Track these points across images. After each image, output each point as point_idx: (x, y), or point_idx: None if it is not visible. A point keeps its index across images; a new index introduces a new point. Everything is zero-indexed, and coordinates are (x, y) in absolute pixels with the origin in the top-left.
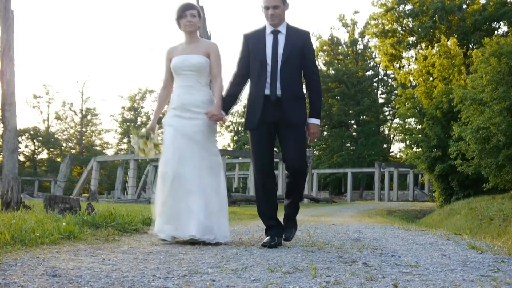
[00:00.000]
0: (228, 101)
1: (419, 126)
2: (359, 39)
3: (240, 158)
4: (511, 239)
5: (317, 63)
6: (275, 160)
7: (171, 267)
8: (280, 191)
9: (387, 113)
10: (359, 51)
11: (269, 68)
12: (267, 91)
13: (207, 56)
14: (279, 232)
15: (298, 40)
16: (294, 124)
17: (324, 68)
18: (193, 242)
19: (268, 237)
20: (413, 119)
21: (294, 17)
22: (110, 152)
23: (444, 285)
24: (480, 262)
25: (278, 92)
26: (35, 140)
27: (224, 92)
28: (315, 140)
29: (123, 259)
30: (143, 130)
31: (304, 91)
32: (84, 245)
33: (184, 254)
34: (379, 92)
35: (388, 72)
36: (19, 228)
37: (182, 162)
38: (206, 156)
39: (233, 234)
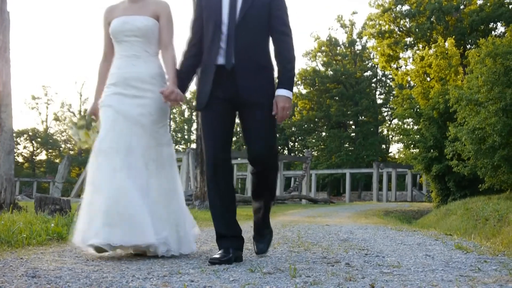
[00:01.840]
0: (184, 78)
1: (416, 127)
2: (357, 39)
3: (238, 158)
4: (505, 239)
5: (317, 65)
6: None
7: (153, 268)
8: (279, 191)
9: (385, 114)
10: (358, 51)
11: (224, 29)
12: (220, 59)
13: (156, 18)
14: (236, 243)
15: None
16: (256, 104)
17: (322, 68)
18: (138, 254)
19: (220, 251)
20: (410, 119)
21: (293, 17)
22: None
23: (421, 285)
24: (463, 262)
25: (233, 60)
26: (33, 141)
27: (177, 67)
28: (286, 118)
29: (107, 259)
30: (82, 118)
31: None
32: (71, 246)
33: None
34: (378, 92)
35: (386, 72)
36: (7, 229)
37: (124, 152)
38: (154, 146)
39: None
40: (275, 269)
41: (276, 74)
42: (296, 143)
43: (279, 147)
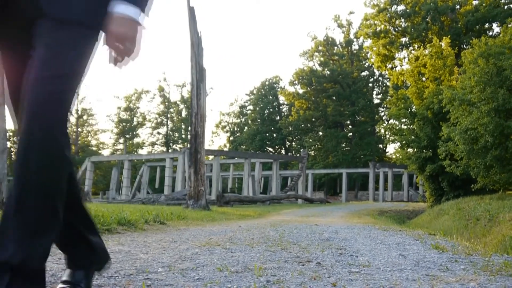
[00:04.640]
0: None
1: (411, 127)
2: (354, 39)
3: (235, 158)
4: (494, 239)
5: (314, 65)
6: (269, 160)
7: (123, 266)
8: (274, 191)
9: (382, 114)
10: (354, 51)
11: None
12: None
13: None
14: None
15: None
16: (55, 20)
17: (319, 68)
18: None
19: None
20: (405, 119)
21: (290, 17)
22: (106, 152)
23: (383, 285)
24: (434, 262)
25: None
26: None
27: None
28: (130, 56)
29: None
30: None
31: None
32: None
33: (145, 253)
34: (374, 92)
35: (383, 72)
36: None
37: None
38: None
39: (206, 233)
40: (244, 268)
41: None
42: (293, 143)
43: (276, 147)
